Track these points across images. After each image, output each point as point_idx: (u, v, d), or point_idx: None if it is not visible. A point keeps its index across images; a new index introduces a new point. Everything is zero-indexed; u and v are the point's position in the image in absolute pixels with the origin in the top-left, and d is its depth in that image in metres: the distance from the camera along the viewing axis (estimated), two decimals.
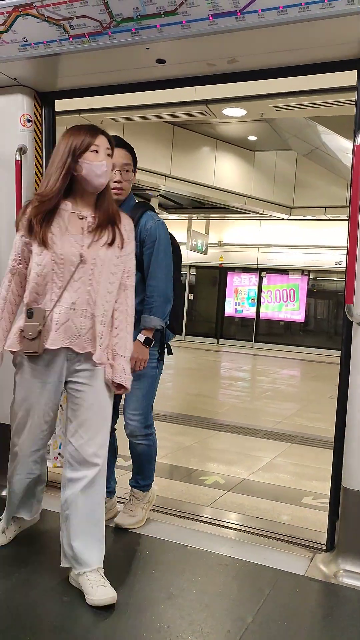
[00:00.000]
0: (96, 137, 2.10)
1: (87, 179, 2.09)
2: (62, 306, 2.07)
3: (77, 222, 2.11)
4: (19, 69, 2.76)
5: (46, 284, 2.07)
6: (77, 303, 2.08)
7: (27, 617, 1.99)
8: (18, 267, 2.19)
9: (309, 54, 2.39)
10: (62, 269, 2.06)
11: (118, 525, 2.71)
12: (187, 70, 2.66)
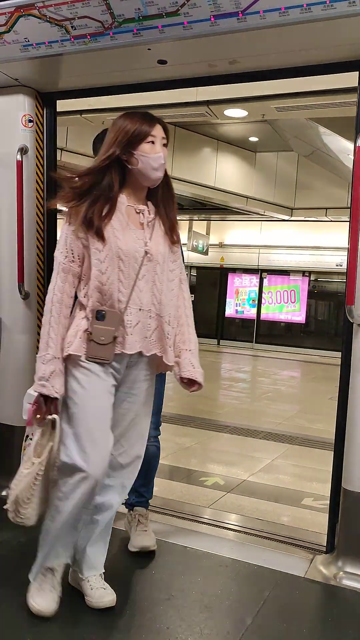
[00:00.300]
0: (153, 127, 1.94)
1: (143, 172, 1.94)
2: (131, 307, 1.92)
3: (134, 216, 1.97)
4: (21, 69, 2.76)
5: (111, 284, 1.89)
6: (144, 303, 1.94)
7: (27, 618, 1.99)
8: (72, 266, 1.93)
9: (310, 55, 2.39)
10: (127, 267, 1.91)
11: (145, 549, 2.48)
12: (188, 71, 2.66)
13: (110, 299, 1.90)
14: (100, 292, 1.89)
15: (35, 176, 3.08)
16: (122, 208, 1.94)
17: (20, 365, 3.12)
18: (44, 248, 3.15)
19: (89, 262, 1.91)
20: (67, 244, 1.93)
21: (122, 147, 1.91)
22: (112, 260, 1.89)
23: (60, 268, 1.93)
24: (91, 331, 1.88)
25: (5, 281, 3.07)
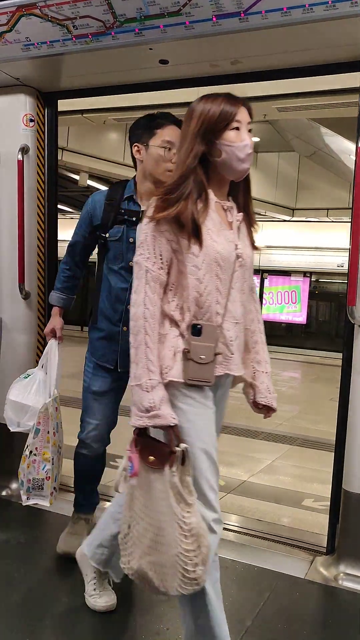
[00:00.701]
0: (237, 110, 1.64)
1: (228, 164, 1.64)
2: (228, 321, 1.64)
3: (222, 214, 1.69)
4: (22, 68, 2.76)
5: (209, 294, 1.61)
6: (237, 315, 1.68)
7: (27, 618, 1.99)
8: (160, 274, 1.60)
9: (312, 55, 2.38)
10: (224, 274, 1.63)
11: None
12: (190, 71, 2.66)
13: (208, 311, 1.61)
14: (197, 304, 1.60)
15: (36, 176, 3.07)
16: (212, 205, 1.66)
17: (21, 365, 3.11)
18: (44, 248, 3.15)
19: (178, 269, 1.61)
20: (155, 248, 1.60)
21: (206, 138, 1.62)
22: (210, 266, 1.60)
23: (148, 277, 1.58)
24: (189, 349, 1.58)
25: (6, 281, 3.07)
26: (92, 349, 2.39)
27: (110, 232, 2.27)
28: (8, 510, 2.92)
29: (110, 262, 2.30)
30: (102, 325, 2.34)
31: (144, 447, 1.52)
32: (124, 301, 2.25)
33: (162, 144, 2.18)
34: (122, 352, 2.26)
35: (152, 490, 1.50)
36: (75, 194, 13.52)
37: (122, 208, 2.26)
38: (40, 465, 2.34)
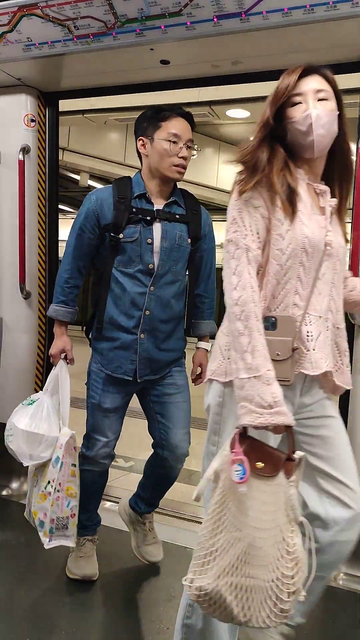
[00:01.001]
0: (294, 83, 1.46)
1: (297, 142, 1.49)
2: (310, 315, 1.46)
3: (315, 197, 1.52)
4: (23, 69, 2.76)
5: (287, 282, 1.43)
6: (322, 310, 1.50)
7: (27, 618, 1.99)
8: (260, 255, 1.43)
9: (313, 56, 2.38)
10: (310, 262, 1.45)
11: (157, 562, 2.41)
12: (191, 72, 2.66)
13: (283, 302, 1.44)
14: (272, 293, 1.44)
15: (37, 176, 3.08)
16: (303, 185, 1.49)
17: (21, 365, 3.12)
18: (45, 248, 3.15)
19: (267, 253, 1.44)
20: (252, 225, 1.42)
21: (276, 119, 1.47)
22: (295, 251, 1.42)
23: (250, 256, 1.40)
24: None
25: (7, 281, 3.07)
26: (104, 361, 2.18)
27: (125, 232, 2.07)
28: (7, 510, 2.93)
29: (122, 265, 2.10)
30: (113, 334, 2.14)
31: (250, 450, 1.29)
32: (141, 307, 2.10)
33: (168, 137, 2.07)
34: (140, 362, 2.13)
35: (253, 501, 1.27)
36: (76, 194, 13.53)
37: (134, 207, 2.09)
38: (65, 502, 2.09)
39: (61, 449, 2.09)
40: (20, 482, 3.11)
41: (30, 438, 2.10)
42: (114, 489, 3.32)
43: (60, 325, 2.24)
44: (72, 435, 2.12)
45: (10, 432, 2.17)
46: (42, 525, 2.08)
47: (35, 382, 3.16)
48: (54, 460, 2.09)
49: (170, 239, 2.11)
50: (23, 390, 3.13)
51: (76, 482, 2.11)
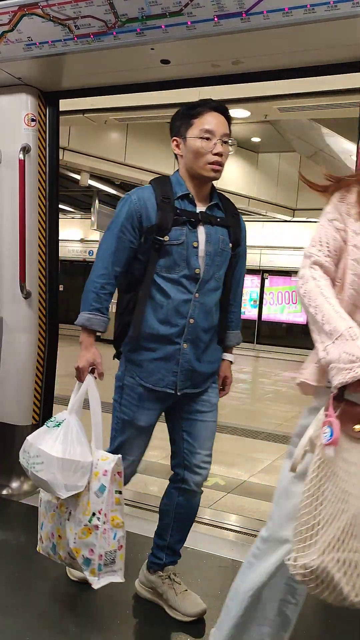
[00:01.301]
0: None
1: None
2: None
3: None
4: (24, 68, 2.76)
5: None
6: None
7: (27, 618, 1.99)
8: (326, 261, 1.44)
9: (313, 55, 2.39)
10: None
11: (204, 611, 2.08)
12: (191, 71, 2.66)
13: None
14: (353, 302, 1.40)
15: (38, 175, 3.08)
16: None
17: (22, 365, 3.12)
18: (45, 247, 3.15)
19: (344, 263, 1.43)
20: (322, 236, 1.48)
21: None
22: None
23: (312, 260, 1.45)
24: None
25: (7, 280, 3.07)
26: (143, 374, 2.00)
27: (171, 235, 1.91)
28: (7, 510, 2.92)
29: (166, 270, 1.93)
30: (153, 344, 1.97)
31: (346, 413, 1.23)
32: (185, 315, 1.94)
33: (200, 134, 1.92)
34: (181, 373, 1.98)
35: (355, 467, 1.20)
36: (77, 194, 13.53)
37: (178, 208, 1.95)
38: (111, 534, 1.83)
39: (106, 475, 1.83)
40: (21, 481, 3.11)
41: (66, 466, 1.83)
42: None
43: (90, 335, 1.98)
44: (118, 460, 1.88)
45: (39, 460, 1.86)
46: (89, 563, 1.81)
47: (35, 381, 3.16)
48: (97, 489, 1.83)
49: (214, 243, 1.98)
50: (23, 389, 3.13)
51: (121, 511, 1.86)
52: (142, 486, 3.45)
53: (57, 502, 1.92)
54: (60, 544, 1.92)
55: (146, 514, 2.93)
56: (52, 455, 1.83)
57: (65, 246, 17.31)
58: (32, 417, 3.15)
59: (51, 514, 1.96)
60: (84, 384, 1.96)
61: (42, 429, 1.95)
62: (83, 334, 1.98)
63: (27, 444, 1.93)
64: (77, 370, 1.97)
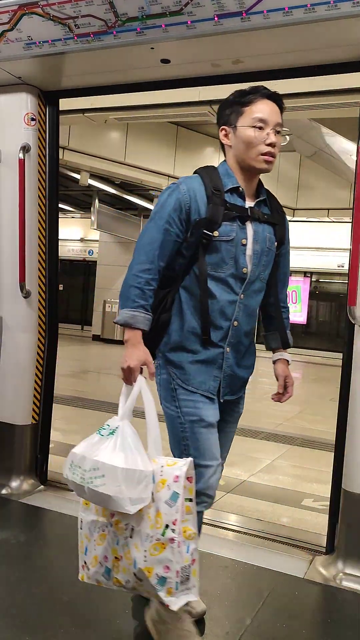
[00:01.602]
0: None
1: None
2: None
3: None
4: (24, 67, 2.76)
5: None
6: None
7: (26, 617, 1.99)
8: None
9: (314, 55, 2.39)
10: None
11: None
12: (191, 71, 2.66)
13: None
14: None
15: (38, 174, 3.07)
16: None
17: (21, 364, 3.12)
18: (45, 247, 3.15)
19: None
20: None
21: None
22: None
23: None
24: None
25: (7, 280, 3.07)
26: (184, 376, 1.85)
27: (221, 230, 1.78)
28: (7, 509, 2.92)
29: (212, 268, 1.80)
30: (193, 346, 1.84)
31: None
32: (230, 317, 1.84)
33: (253, 123, 1.80)
34: (225, 379, 1.87)
35: None
36: (76, 193, 13.53)
37: (228, 202, 1.82)
38: (184, 547, 1.63)
39: (178, 481, 1.63)
40: (20, 480, 3.11)
41: (130, 477, 1.62)
42: None
43: (136, 332, 1.76)
44: (190, 463, 1.68)
45: (99, 474, 1.63)
46: (164, 582, 1.61)
47: (35, 381, 3.16)
48: (169, 498, 1.63)
49: (261, 242, 1.86)
50: (22, 389, 3.13)
51: (193, 521, 1.67)
52: None
53: (110, 519, 1.70)
54: (118, 566, 1.68)
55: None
56: (115, 466, 1.60)
57: (65, 245, 17.32)
58: (31, 417, 3.15)
59: (100, 535, 1.73)
60: (135, 385, 1.74)
61: (91, 439, 1.73)
62: (129, 331, 1.77)
63: (76, 457, 1.70)
64: (127, 371, 1.74)
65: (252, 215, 1.85)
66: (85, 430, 2.29)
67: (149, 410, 1.73)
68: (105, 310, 14.19)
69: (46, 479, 3.21)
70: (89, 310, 16.19)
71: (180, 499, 1.62)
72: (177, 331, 1.85)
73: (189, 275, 1.83)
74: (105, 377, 8.66)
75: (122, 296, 1.79)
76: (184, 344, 1.84)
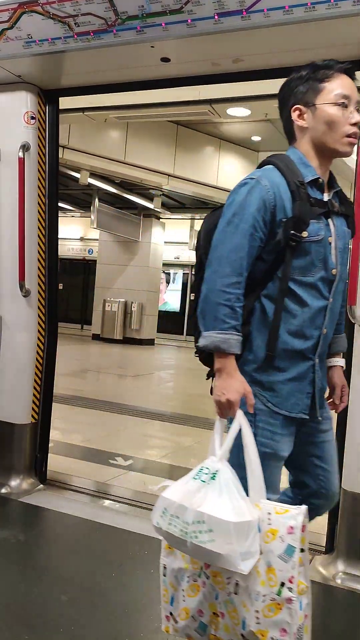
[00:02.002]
0: None
1: None
2: None
3: None
4: (23, 66, 2.76)
5: None
6: None
7: (26, 616, 1.99)
8: None
9: (314, 54, 2.37)
10: None
11: None
12: (191, 69, 2.66)
13: None
14: None
15: (37, 173, 3.07)
16: None
17: (21, 363, 3.12)
18: (45, 246, 3.14)
19: None
20: None
21: None
22: None
23: None
24: None
25: (6, 279, 3.06)
26: (277, 399, 1.61)
27: (310, 230, 1.56)
28: (6, 508, 2.92)
29: (300, 273, 1.57)
30: (283, 362, 1.61)
31: None
32: (320, 325, 1.63)
33: (336, 100, 1.58)
34: (316, 394, 1.66)
35: None
36: (76, 192, 13.53)
37: (311, 196, 1.59)
38: (297, 604, 1.45)
39: (293, 533, 1.41)
40: (20, 479, 3.11)
41: (240, 531, 1.40)
42: (112, 487, 3.33)
43: (231, 359, 1.53)
44: (305, 511, 1.45)
45: (205, 528, 1.40)
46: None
47: (34, 380, 3.15)
48: (283, 552, 1.43)
49: (342, 238, 1.67)
50: (22, 388, 3.13)
51: (305, 573, 1.47)
52: (141, 485, 3.45)
53: (205, 569, 1.51)
54: (217, 623, 1.50)
55: (145, 512, 2.93)
56: (226, 520, 1.38)
57: (65, 244, 17.32)
58: (31, 416, 3.15)
59: (191, 586, 1.54)
60: (235, 421, 1.51)
61: (188, 484, 1.48)
62: (221, 358, 1.53)
63: (172, 505, 1.46)
64: (225, 405, 1.51)
65: (332, 208, 1.63)
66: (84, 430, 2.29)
67: (251, 449, 1.51)
68: (105, 310, 14.19)
69: (45, 478, 3.21)
70: (88, 309, 16.19)
71: (297, 552, 1.41)
72: (263, 347, 1.60)
73: (272, 282, 1.58)
74: (105, 376, 8.66)
75: (206, 315, 1.55)
76: (273, 361, 1.60)
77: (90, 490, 3.21)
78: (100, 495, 3.15)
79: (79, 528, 2.72)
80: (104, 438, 4.48)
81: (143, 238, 14.17)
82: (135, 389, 7.70)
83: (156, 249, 14.44)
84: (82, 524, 2.74)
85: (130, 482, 3.49)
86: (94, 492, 3.19)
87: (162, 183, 10.65)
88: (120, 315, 14.04)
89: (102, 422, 5.07)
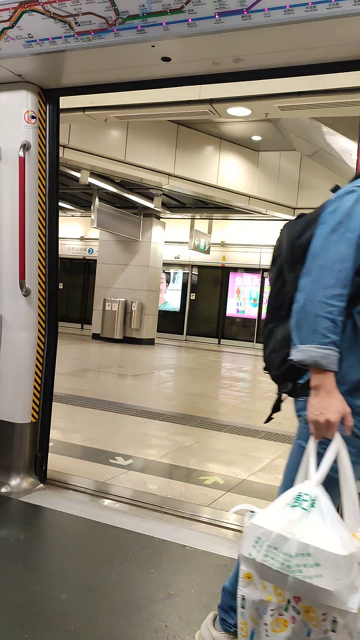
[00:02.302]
0: None
1: None
2: None
3: None
4: (24, 65, 2.75)
5: None
6: None
7: (25, 615, 1.99)
8: None
9: (315, 53, 2.38)
10: None
11: None
12: (192, 69, 2.66)
13: None
14: None
15: (38, 173, 3.07)
16: None
17: (21, 363, 3.12)
18: (45, 245, 3.14)
19: None
20: None
21: None
22: None
23: None
24: None
25: (7, 278, 3.06)
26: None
27: None
28: (6, 507, 2.92)
29: None
30: None
31: None
32: None
33: None
34: None
35: None
36: (77, 192, 13.53)
37: None
38: None
39: None
40: (20, 479, 3.11)
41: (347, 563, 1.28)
42: (112, 487, 3.33)
43: (329, 376, 1.44)
44: None
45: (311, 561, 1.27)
46: None
47: (35, 379, 3.15)
48: None
49: None
50: (22, 388, 3.13)
51: None
52: (141, 485, 3.45)
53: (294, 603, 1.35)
54: None
55: (144, 512, 2.93)
56: (336, 554, 1.25)
57: (65, 244, 17.33)
58: (31, 415, 3.15)
59: (276, 620, 1.39)
60: (333, 443, 1.42)
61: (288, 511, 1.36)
62: (319, 375, 1.44)
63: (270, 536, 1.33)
64: (323, 425, 1.41)
65: None
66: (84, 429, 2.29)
67: (349, 474, 1.41)
68: (105, 309, 14.20)
69: (45, 478, 3.21)
70: (88, 308, 16.20)
71: None
72: (355, 367, 1.49)
73: None
74: (105, 375, 8.66)
75: (304, 327, 1.45)
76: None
77: (90, 490, 3.21)
78: (100, 495, 3.16)
79: (78, 527, 2.72)
80: (104, 437, 4.48)
81: (143, 237, 14.17)
82: (135, 389, 7.70)
83: (156, 249, 14.44)
84: (82, 524, 2.75)
85: (130, 481, 3.49)
86: (93, 492, 3.19)
87: (163, 183, 10.65)
88: (120, 315, 14.04)
89: (102, 422, 5.08)
